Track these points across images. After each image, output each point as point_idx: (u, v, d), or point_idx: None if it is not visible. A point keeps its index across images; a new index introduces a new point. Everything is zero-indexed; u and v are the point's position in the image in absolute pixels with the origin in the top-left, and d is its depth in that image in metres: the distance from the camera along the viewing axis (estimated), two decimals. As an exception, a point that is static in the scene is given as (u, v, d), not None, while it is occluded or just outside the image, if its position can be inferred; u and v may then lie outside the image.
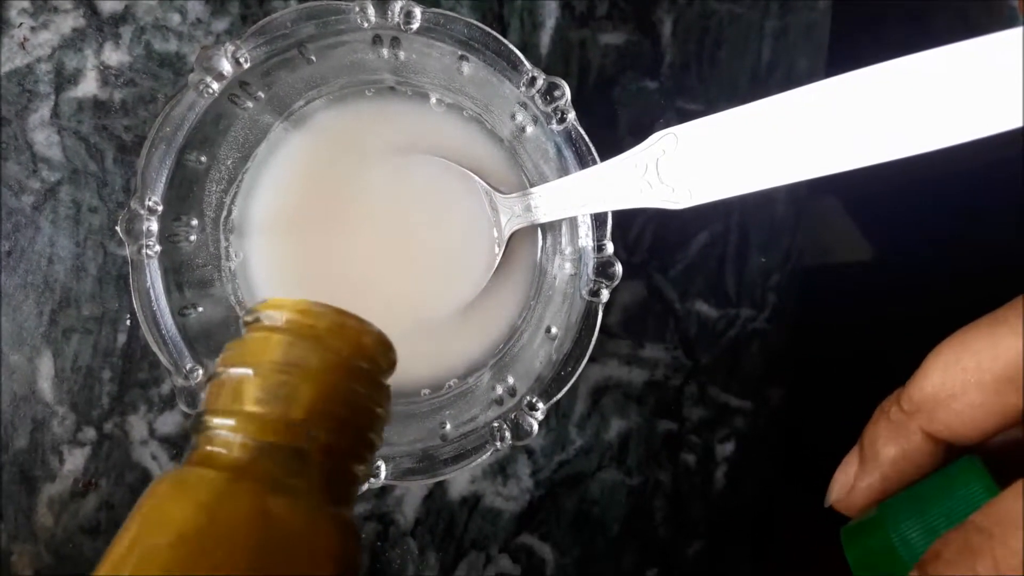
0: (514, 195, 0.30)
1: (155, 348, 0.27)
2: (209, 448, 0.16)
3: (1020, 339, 0.17)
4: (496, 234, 0.30)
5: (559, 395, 0.27)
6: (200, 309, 0.28)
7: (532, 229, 0.31)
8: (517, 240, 0.31)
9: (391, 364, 0.19)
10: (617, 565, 0.37)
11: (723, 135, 0.23)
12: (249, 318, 0.18)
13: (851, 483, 0.21)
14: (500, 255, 0.30)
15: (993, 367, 0.17)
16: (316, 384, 0.17)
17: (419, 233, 0.31)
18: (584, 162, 0.27)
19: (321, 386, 0.17)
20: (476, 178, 0.30)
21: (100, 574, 0.14)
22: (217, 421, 0.16)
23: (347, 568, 0.16)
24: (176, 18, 0.34)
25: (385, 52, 0.28)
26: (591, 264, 0.27)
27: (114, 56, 0.34)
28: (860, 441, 0.21)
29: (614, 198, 0.26)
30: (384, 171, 0.30)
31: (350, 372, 0.17)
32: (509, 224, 0.30)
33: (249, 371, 0.17)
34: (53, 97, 0.34)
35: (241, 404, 0.16)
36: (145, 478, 0.35)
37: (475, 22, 0.26)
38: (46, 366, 0.35)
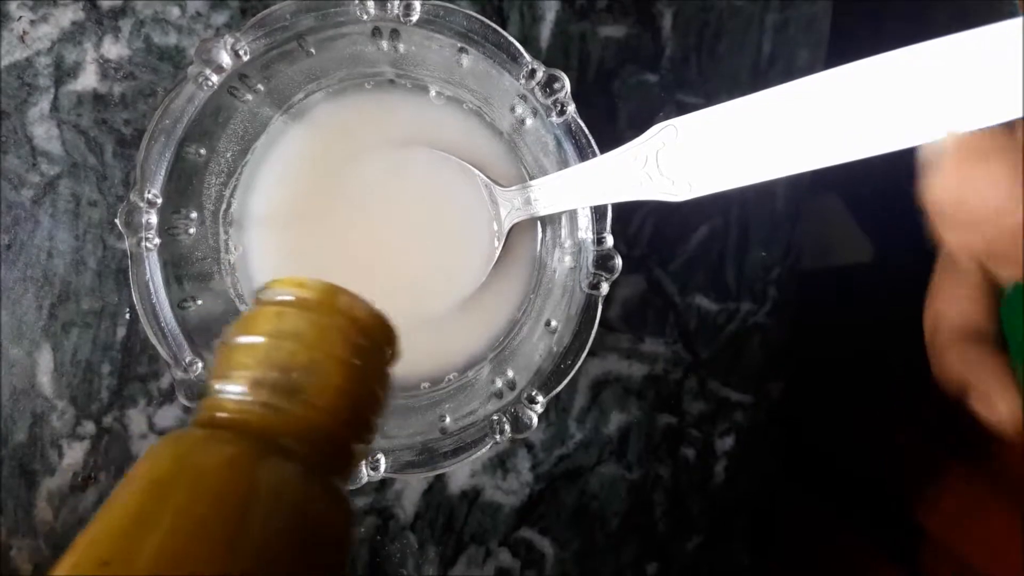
0: (514, 188, 0.30)
1: (154, 341, 0.27)
2: (206, 412, 0.17)
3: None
4: (496, 227, 0.30)
5: (559, 388, 0.27)
6: (199, 302, 0.28)
7: (532, 222, 0.31)
8: (517, 233, 0.31)
9: (389, 340, 0.19)
10: (616, 559, 0.37)
11: (723, 127, 0.23)
12: (256, 297, 0.19)
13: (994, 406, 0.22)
14: (500, 248, 0.30)
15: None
16: (310, 351, 0.17)
17: (419, 226, 0.31)
18: (584, 155, 0.27)
19: (316, 353, 0.17)
20: (475, 171, 0.30)
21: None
22: (215, 385, 0.17)
23: (335, 538, 0.17)
24: (175, 11, 0.34)
25: (385, 44, 0.28)
26: (591, 257, 0.27)
27: (113, 50, 0.34)
28: (955, 390, 0.22)
29: (614, 191, 0.25)
30: (383, 164, 0.30)
31: (346, 344, 0.18)
32: (509, 217, 0.30)
33: (249, 339, 0.18)
34: (52, 91, 0.34)
35: (238, 369, 0.17)
36: (145, 472, 0.35)
37: (474, 14, 0.26)
38: (45, 360, 0.35)
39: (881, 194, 0.70)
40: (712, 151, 0.23)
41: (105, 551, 0.14)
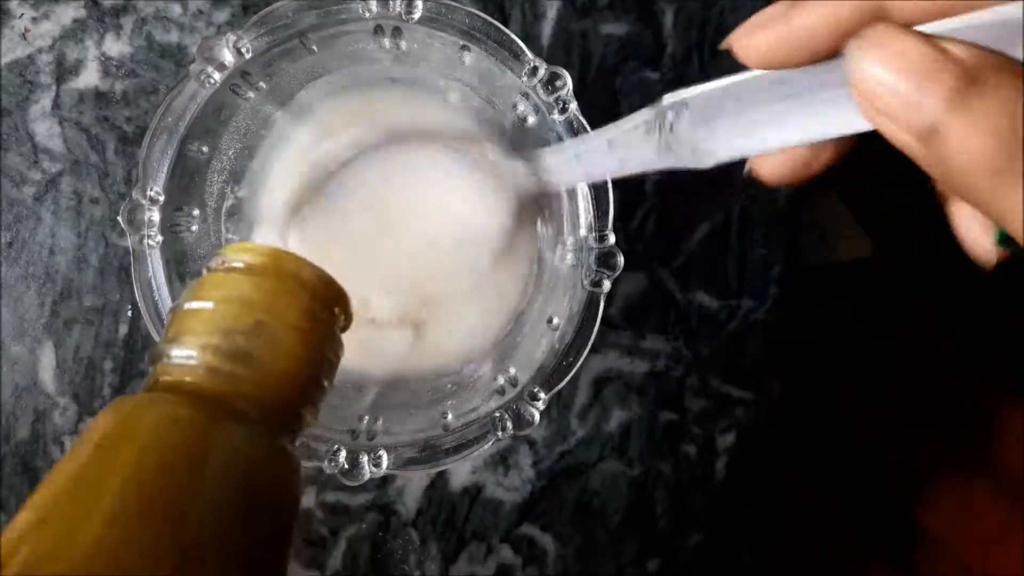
0: (518, 159, 0.28)
1: (157, 339, 0.27)
2: (153, 376, 0.17)
3: None
4: (505, 202, 0.29)
5: (560, 385, 0.27)
6: (202, 299, 0.28)
7: (533, 219, 0.31)
8: (519, 231, 0.31)
9: (340, 303, 0.20)
10: (618, 555, 0.38)
11: (739, 98, 0.21)
12: (206, 265, 0.19)
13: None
14: (511, 223, 0.29)
15: None
16: (256, 313, 0.18)
17: (423, 218, 0.31)
18: (586, 153, 0.26)
19: (262, 315, 0.18)
20: (480, 145, 0.29)
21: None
22: (163, 348, 0.17)
23: (283, 500, 0.17)
24: (177, 9, 0.34)
25: (387, 42, 0.28)
26: (593, 254, 0.27)
27: (115, 47, 0.34)
28: None
29: (632, 162, 0.24)
30: (383, 160, 0.30)
31: (294, 306, 0.18)
32: (516, 188, 0.28)
33: (197, 304, 0.18)
34: (54, 88, 0.34)
35: (186, 334, 0.17)
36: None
37: (477, 12, 0.26)
38: (48, 357, 0.35)
39: (880, 191, 0.70)
40: (731, 120, 0.22)
41: (44, 511, 0.14)
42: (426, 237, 0.31)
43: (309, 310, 0.18)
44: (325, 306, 0.19)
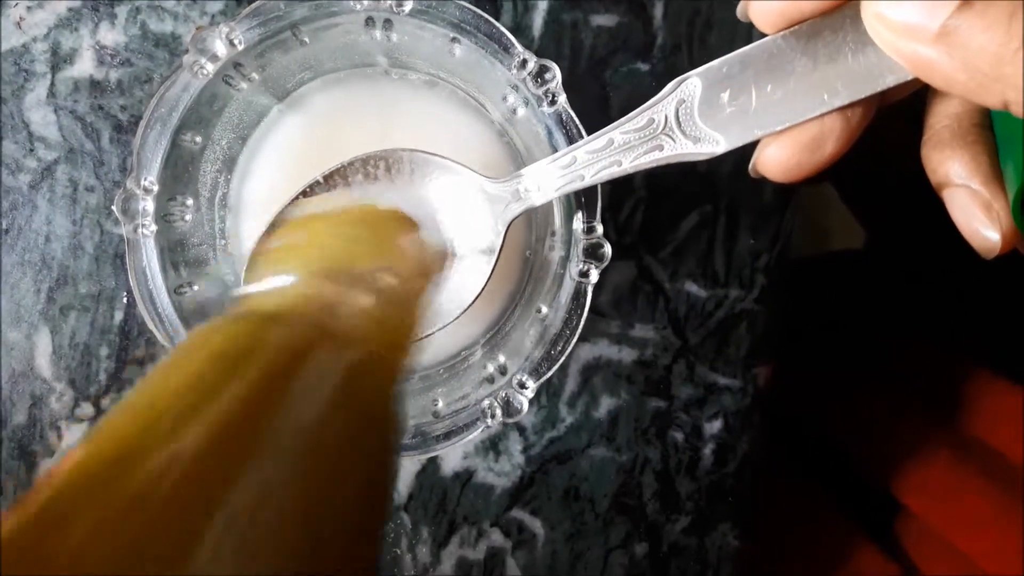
0: (505, 180, 0.26)
1: (151, 326, 0.27)
2: (251, 303, 0.18)
3: None
4: (494, 225, 0.28)
5: (549, 374, 0.28)
6: (195, 287, 0.29)
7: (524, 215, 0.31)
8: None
9: (438, 267, 0.21)
10: (606, 540, 0.38)
11: (746, 73, 0.21)
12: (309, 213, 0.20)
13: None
14: (501, 244, 0.27)
15: None
16: (375, 258, 0.19)
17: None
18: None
19: (384, 261, 0.19)
20: (468, 170, 0.27)
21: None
22: (259, 285, 0.18)
23: (385, 431, 0.17)
24: (171, -2, 0.34)
25: (378, 34, 0.28)
26: (581, 245, 0.27)
27: (110, 36, 0.35)
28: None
29: (632, 159, 0.23)
30: (378, 157, 0.29)
31: (408, 260, 0.20)
32: (505, 213, 0.27)
33: (310, 239, 0.19)
34: (49, 77, 0.35)
35: (296, 262, 0.18)
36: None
37: (467, 4, 0.26)
38: (44, 343, 0.35)
39: (873, 180, 0.71)
40: (737, 100, 0.22)
41: (175, 415, 0.14)
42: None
43: (411, 267, 0.20)
44: (422, 265, 0.20)
